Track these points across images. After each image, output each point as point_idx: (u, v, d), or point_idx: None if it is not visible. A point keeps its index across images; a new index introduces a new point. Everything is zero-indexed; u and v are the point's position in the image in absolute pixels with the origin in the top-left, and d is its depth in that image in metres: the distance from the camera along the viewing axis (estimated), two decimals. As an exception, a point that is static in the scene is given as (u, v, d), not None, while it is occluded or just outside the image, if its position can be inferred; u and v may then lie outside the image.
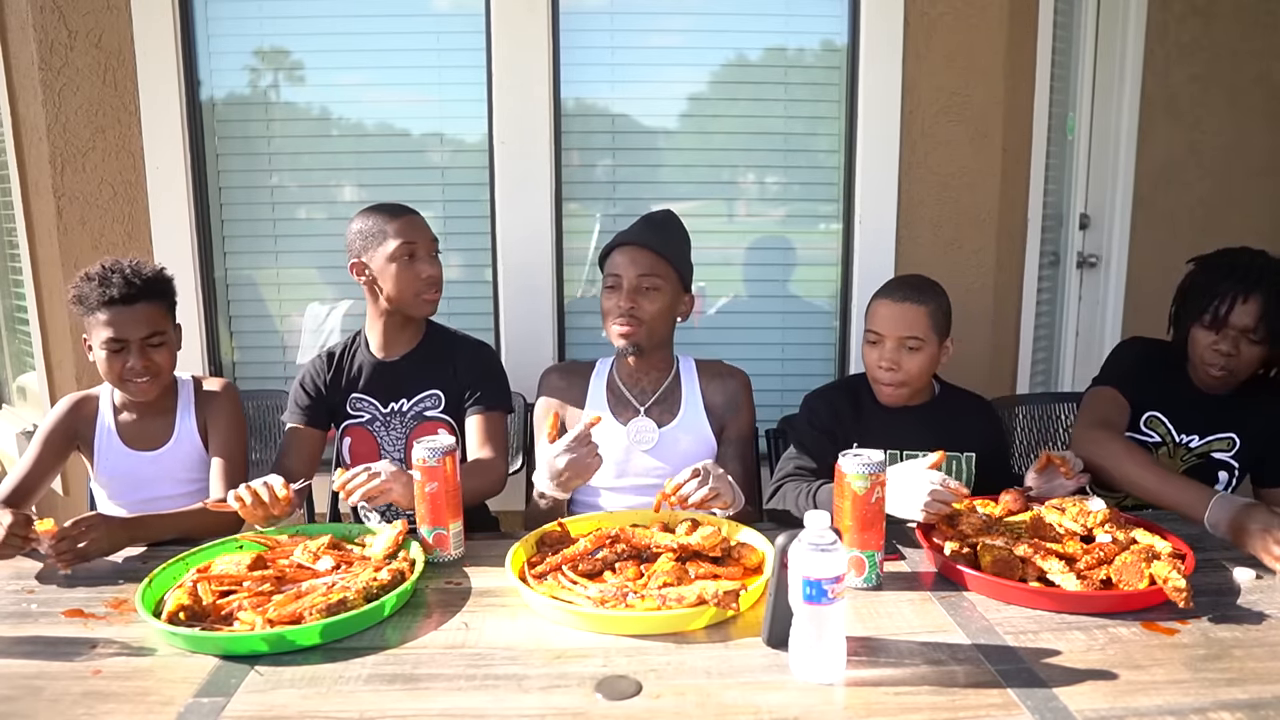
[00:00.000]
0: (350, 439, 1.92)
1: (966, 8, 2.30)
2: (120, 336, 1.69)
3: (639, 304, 1.77)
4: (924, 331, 1.71)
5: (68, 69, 2.29)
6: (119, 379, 1.72)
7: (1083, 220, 2.94)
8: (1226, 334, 1.69)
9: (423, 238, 1.83)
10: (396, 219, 1.81)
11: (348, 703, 1.04)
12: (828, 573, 1.05)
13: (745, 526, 1.47)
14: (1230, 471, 1.79)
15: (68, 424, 1.80)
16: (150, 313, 1.72)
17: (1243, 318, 1.67)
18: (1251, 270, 1.68)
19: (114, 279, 1.68)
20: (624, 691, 1.05)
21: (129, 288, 1.69)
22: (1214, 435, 1.78)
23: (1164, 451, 1.81)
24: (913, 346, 1.71)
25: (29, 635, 1.22)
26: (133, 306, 1.70)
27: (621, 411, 1.85)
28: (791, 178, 2.50)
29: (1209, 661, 1.10)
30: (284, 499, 1.48)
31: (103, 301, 1.68)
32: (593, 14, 2.37)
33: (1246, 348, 1.69)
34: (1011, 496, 1.53)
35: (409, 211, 1.85)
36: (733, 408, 1.86)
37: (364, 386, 1.89)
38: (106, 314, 1.68)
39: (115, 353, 1.70)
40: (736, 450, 1.85)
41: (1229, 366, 1.71)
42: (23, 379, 3.08)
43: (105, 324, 1.68)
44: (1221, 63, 2.93)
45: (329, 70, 2.41)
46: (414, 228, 1.82)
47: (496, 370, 1.93)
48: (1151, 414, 1.82)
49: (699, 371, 1.89)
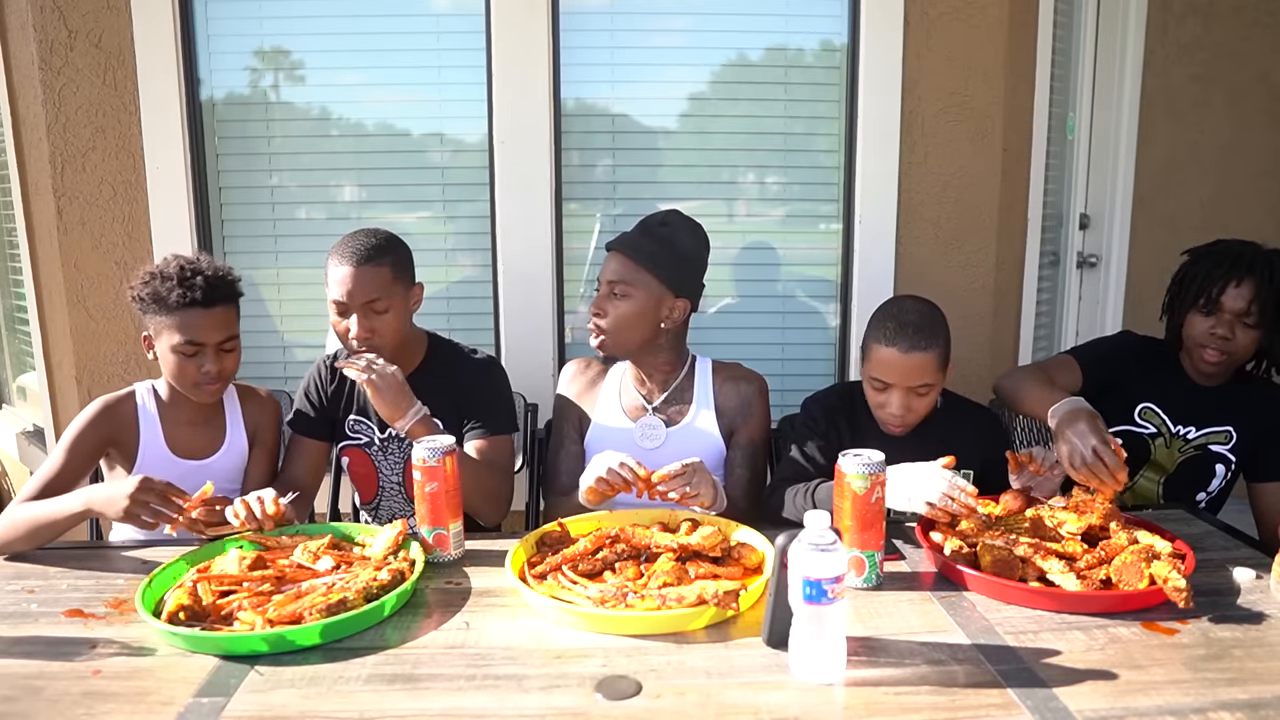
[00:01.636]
0: (349, 459, 1.91)
1: (966, 8, 2.31)
2: (199, 340, 1.62)
3: (604, 309, 1.77)
4: (933, 376, 1.63)
5: (68, 69, 2.29)
6: (192, 384, 1.66)
7: (1083, 220, 2.94)
8: (1222, 318, 1.72)
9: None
10: (332, 266, 1.70)
11: (348, 703, 1.04)
12: (828, 573, 1.05)
13: (745, 526, 1.47)
14: (1228, 465, 1.80)
15: (100, 430, 1.69)
16: (227, 316, 1.67)
17: (1237, 301, 1.70)
18: (1243, 256, 1.73)
19: (197, 281, 1.61)
20: (624, 691, 1.05)
21: (211, 290, 1.62)
22: (1212, 428, 1.79)
23: (1160, 443, 1.82)
24: (922, 393, 1.64)
25: (29, 635, 1.22)
26: (211, 310, 1.63)
27: (632, 409, 1.85)
28: (791, 178, 2.50)
29: (1209, 661, 1.10)
30: (274, 514, 1.46)
31: (183, 303, 1.61)
32: (593, 14, 2.37)
33: (1241, 332, 1.72)
34: (1011, 496, 1.53)
35: (349, 261, 1.69)
36: (745, 412, 1.82)
37: (362, 408, 1.85)
38: (184, 316, 1.61)
39: (190, 356, 1.64)
40: (745, 455, 1.80)
41: (1226, 350, 1.73)
42: (23, 379, 3.08)
43: (182, 326, 1.61)
44: (1221, 63, 2.93)
45: (329, 70, 2.41)
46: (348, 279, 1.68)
47: (500, 393, 1.85)
48: (1145, 405, 1.83)
49: (715, 372, 1.87)
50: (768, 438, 1.88)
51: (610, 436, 1.83)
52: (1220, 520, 1.62)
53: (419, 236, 2.39)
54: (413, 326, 1.84)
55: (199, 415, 1.76)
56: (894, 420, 1.66)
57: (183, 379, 1.67)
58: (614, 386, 1.88)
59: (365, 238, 1.72)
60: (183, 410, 1.75)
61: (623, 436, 1.82)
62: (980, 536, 1.39)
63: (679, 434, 1.82)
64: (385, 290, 1.69)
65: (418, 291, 1.80)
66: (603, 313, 1.77)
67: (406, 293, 1.75)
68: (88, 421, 1.69)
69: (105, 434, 1.70)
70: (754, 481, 1.80)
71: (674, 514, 1.53)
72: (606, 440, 1.82)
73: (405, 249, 1.78)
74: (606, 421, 1.85)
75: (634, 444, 1.81)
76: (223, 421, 1.78)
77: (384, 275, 1.69)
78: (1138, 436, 1.82)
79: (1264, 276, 1.69)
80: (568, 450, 1.86)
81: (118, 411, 1.72)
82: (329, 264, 1.71)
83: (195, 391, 1.68)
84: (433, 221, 2.49)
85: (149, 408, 1.74)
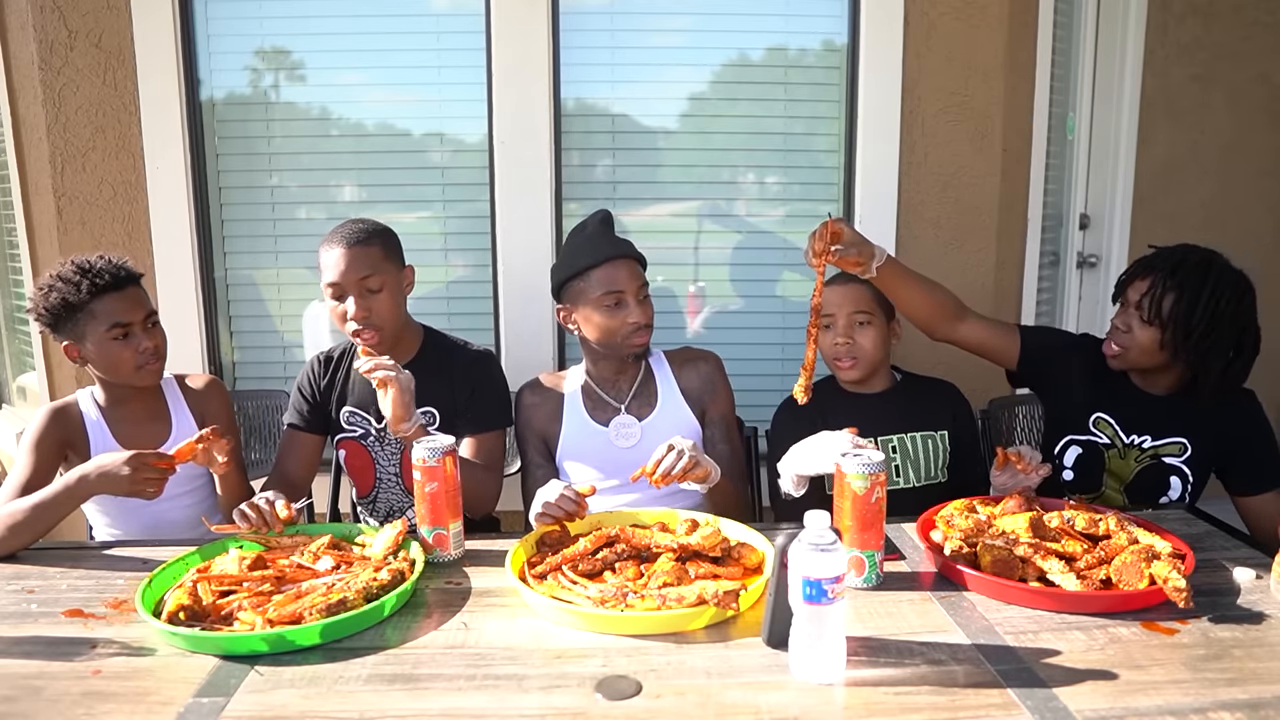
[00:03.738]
0: (345, 451, 1.91)
1: (966, 8, 2.31)
2: (125, 319, 1.66)
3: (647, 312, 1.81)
4: (870, 306, 1.82)
5: (68, 69, 2.29)
6: (133, 367, 1.69)
7: (1083, 220, 2.94)
8: (1126, 310, 1.71)
9: (354, 277, 1.73)
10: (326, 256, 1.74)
11: (348, 703, 1.04)
12: (828, 573, 1.05)
13: (745, 526, 1.47)
14: (1183, 478, 1.75)
15: (57, 432, 1.73)
16: (139, 295, 1.71)
17: (1135, 293, 1.69)
18: (1162, 254, 1.71)
19: (98, 268, 1.66)
20: (624, 691, 1.05)
21: (115, 274, 1.67)
22: (1166, 439, 1.75)
23: (1114, 453, 1.78)
24: (863, 321, 1.82)
25: (29, 635, 1.22)
26: (123, 290, 1.68)
27: (601, 413, 1.85)
28: (791, 178, 2.50)
29: (1209, 661, 1.10)
30: (285, 518, 1.48)
31: (95, 293, 1.64)
32: (593, 14, 2.37)
33: (1139, 327, 1.68)
34: (1010, 498, 1.53)
35: (342, 244, 1.74)
36: (710, 389, 1.87)
37: (357, 401, 1.87)
38: (102, 304, 1.65)
39: (123, 339, 1.67)
40: (722, 431, 1.87)
41: (1121, 343, 1.72)
42: (23, 379, 3.08)
43: (104, 314, 1.65)
44: (1221, 63, 2.93)
45: (329, 70, 2.41)
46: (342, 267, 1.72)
47: (494, 385, 1.88)
48: (1099, 415, 1.80)
49: (670, 361, 1.90)
50: (734, 410, 1.95)
51: (585, 444, 1.84)
52: (1220, 520, 1.62)
53: (419, 237, 2.39)
54: (409, 318, 1.86)
55: (141, 411, 1.78)
56: (844, 352, 1.82)
57: (122, 366, 1.69)
58: (575, 398, 1.87)
59: (354, 224, 1.78)
60: (124, 408, 1.77)
61: (597, 440, 1.83)
62: (980, 536, 1.39)
63: (653, 426, 1.83)
64: (376, 267, 1.74)
65: (409, 274, 1.83)
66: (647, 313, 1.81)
67: (398, 273, 1.79)
68: (44, 426, 1.72)
69: (62, 436, 1.73)
70: (735, 455, 1.87)
71: (674, 514, 1.53)
72: (582, 449, 1.83)
73: (393, 234, 1.83)
74: (577, 432, 1.85)
75: (610, 446, 1.82)
76: (166, 411, 1.81)
77: (375, 254, 1.75)
78: (1094, 445, 1.80)
79: (1168, 273, 1.65)
80: (534, 476, 1.85)
81: (67, 414, 1.76)
82: (322, 254, 1.75)
83: (138, 375, 1.70)
84: (432, 222, 2.49)
85: (91, 414, 1.77)
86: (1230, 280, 1.65)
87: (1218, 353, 1.66)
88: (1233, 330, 1.66)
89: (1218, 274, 1.65)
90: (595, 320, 1.77)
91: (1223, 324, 1.64)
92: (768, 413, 2.07)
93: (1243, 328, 1.67)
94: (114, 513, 1.79)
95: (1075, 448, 1.83)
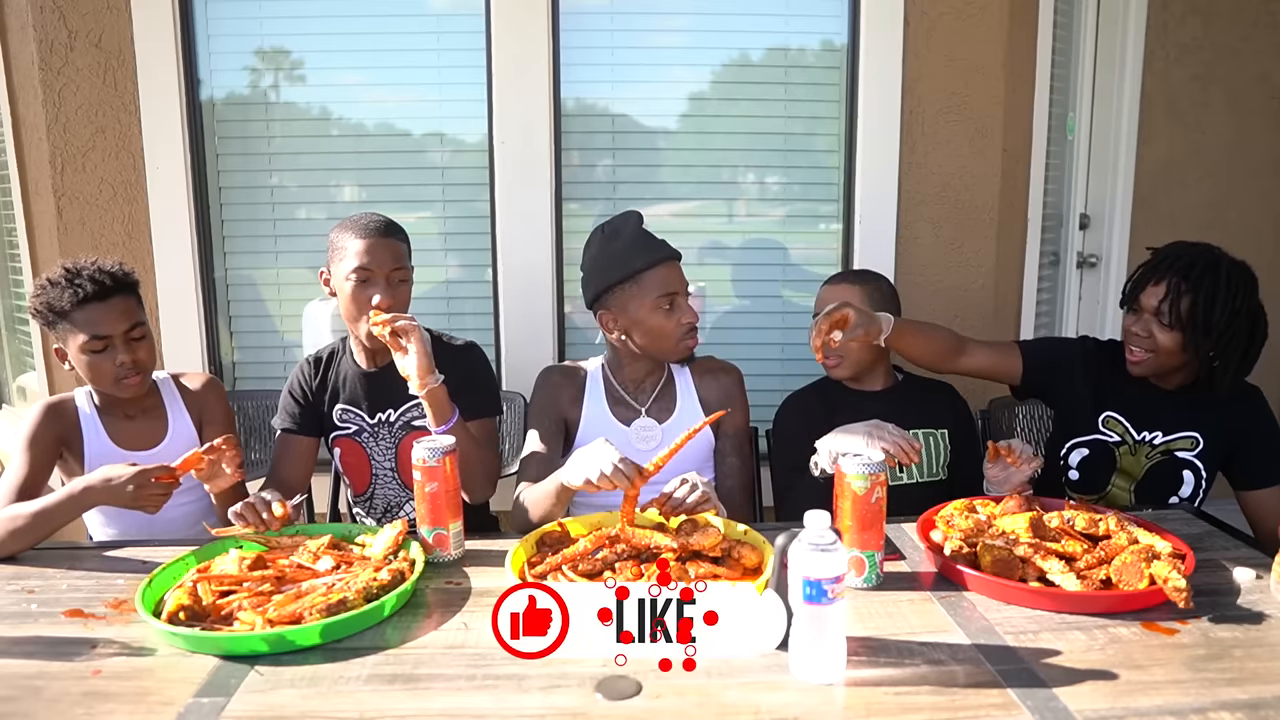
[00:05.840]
0: (340, 449, 1.91)
1: (966, 8, 2.31)
2: (103, 333, 1.64)
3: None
4: (856, 299, 1.81)
5: (68, 69, 2.29)
6: (111, 381, 1.67)
7: (1083, 220, 2.94)
8: (1141, 317, 1.72)
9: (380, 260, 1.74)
10: (360, 239, 1.74)
11: (348, 703, 1.04)
12: (828, 573, 1.05)
13: (745, 526, 1.47)
14: (1196, 472, 1.76)
15: (52, 428, 1.72)
16: (126, 305, 1.68)
17: (1151, 299, 1.69)
18: (1169, 256, 1.71)
19: (83, 277, 1.64)
20: (624, 691, 1.05)
21: (100, 284, 1.64)
22: (1178, 433, 1.76)
23: (1125, 450, 1.79)
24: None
25: (29, 635, 1.22)
26: (108, 301, 1.64)
27: (622, 413, 1.86)
28: (791, 178, 2.50)
29: (1209, 661, 1.10)
30: (281, 517, 1.48)
31: (77, 302, 1.62)
32: (593, 14, 2.37)
33: (1160, 332, 1.69)
34: (1010, 498, 1.53)
35: (375, 233, 1.75)
36: (728, 402, 1.86)
37: (349, 397, 1.87)
38: (82, 314, 1.63)
39: (100, 352, 1.65)
40: (734, 444, 1.87)
41: (1147, 348, 1.72)
42: (23, 379, 3.08)
43: (83, 324, 1.63)
44: (1221, 63, 2.93)
45: (329, 70, 2.41)
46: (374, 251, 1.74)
47: (482, 375, 1.89)
48: (1108, 414, 1.81)
49: (692, 369, 1.90)
50: (750, 425, 1.96)
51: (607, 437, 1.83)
52: (1220, 520, 1.62)
53: (419, 236, 2.36)
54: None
55: (136, 410, 1.78)
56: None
57: (100, 378, 1.68)
58: (597, 391, 1.88)
59: (377, 215, 1.81)
60: (119, 407, 1.77)
61: (618, 439, 1.82)
62: (980, 536, 1.39)
63: (671, 431, 1.82)
64: (403, 261, 1.78)
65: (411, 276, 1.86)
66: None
67: (411, 274, 1.83)
68: (38, 422, 1.72)
69: (57, 432, 1.73)
70: (744, 468, 1.88)
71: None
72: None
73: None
74: (598, 422, 1.85)
75: (629, 447, 1.81)
76: (162, 411, 1.81)
77: (402, 249, 1.80)
78: (1104, 444, 1.81)
79: (1181, 276, 1.66)
80: (537, 455, 1.79)
81: (62, 410, 1.75)
82: (345, 239, 1.75)
83: (117, 388, 1.69)
84: (433, 221, 2.49)
85: (87, 410, 1.76)
86: (1240, 274, 1.68)
87: (1236, 345, 1.68)
88: (1248, 321, 1.68)
89: (1228, 270, 1.67)
90: (649, 323, 1.76)
91: (1240, 317, 1.66)
92: (768, 413, 2.08)
93: (1255, 316, 1.69)
94: (110, 511, 1.79)
95: (1081, 449, 1.84)
